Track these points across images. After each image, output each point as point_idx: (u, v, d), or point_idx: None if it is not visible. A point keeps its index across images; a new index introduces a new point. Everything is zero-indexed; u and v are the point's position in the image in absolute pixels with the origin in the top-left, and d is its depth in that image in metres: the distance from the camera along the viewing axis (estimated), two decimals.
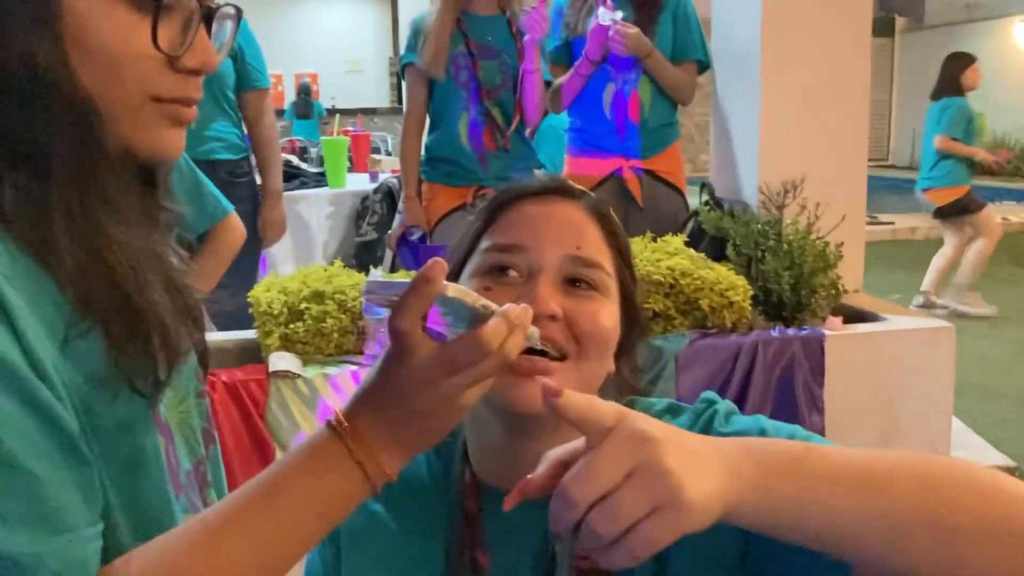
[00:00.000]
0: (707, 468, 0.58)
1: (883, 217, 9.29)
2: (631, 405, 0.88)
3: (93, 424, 0.65)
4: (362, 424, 0.65)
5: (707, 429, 0.80)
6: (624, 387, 0.89)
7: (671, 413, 0.86)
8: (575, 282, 0.81)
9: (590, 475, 0.57)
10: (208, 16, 0.71)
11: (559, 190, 0.87)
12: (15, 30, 0.63)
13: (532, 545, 0.81)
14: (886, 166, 13.35)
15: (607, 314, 0.82)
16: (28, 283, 0.62)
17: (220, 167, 2.82)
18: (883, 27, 12.99)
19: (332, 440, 0.65)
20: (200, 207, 1.98)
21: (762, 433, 0.77)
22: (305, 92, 9.98)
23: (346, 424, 0.65)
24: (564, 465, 0.60)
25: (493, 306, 0.64)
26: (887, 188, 10.44)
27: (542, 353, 0.75)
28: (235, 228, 2.08)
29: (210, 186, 2.03)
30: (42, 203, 0.64)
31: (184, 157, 2.04)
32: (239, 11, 0.76)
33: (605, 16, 2.62)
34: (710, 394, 0.86)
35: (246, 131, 3.03)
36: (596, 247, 0.83)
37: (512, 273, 0.81)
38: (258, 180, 3.06)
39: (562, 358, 0.78)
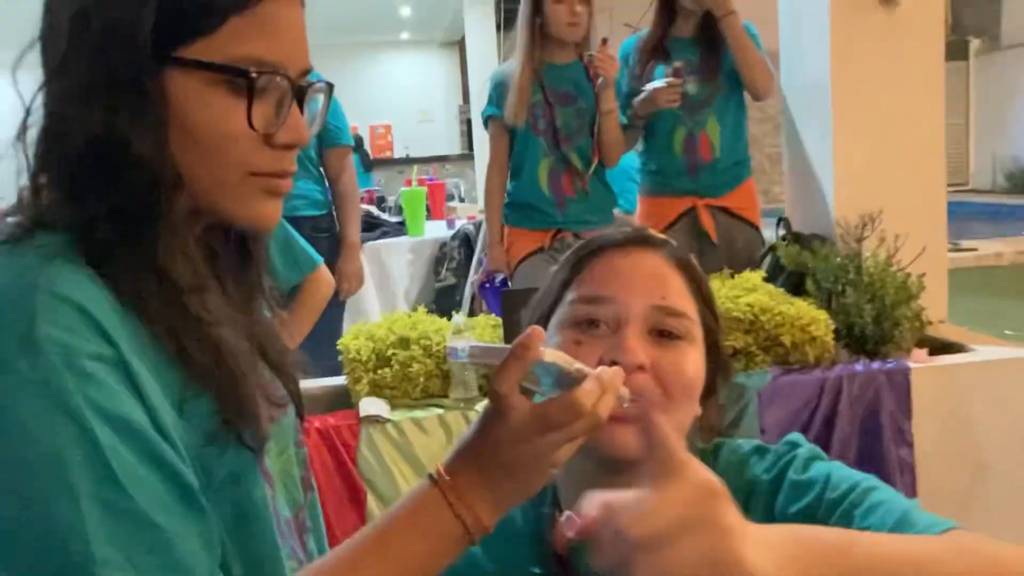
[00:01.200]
0: (764, 541, 0.57)
1: (966, 243, 9.00)
2: (718, 448, 0.90)
3: (208, 478, 0.70)
4: (462, 479, 0.69)
5: (781, 476, 0.82)
6: (708, 428, 0.91)
7: (758, 454, 0.88)
8: (661, 332, 0.84)
9: (649, 512, 0.55)
10: (300, 94, 0.75)
11: (642, 240, 0.90)
12: (122, 119, 0.68)
13: None
14: (966, 191, 12.98)
15: (692, 362, 0.84)
16: (148, 350, 0.67)
17: (304, 223, 2.92)
18: (957, 50, 12.70)
19: (434, 495, 0.69)
20: (291, 260, 2.07)
21: (826, 481, 0.79)
22: (359, 145, 10.15)
23: (448, 479, 0.69)
24: (611, 508, 0.58)
25: (587, 369, 0.68)
26: (969, 214, 10.13)
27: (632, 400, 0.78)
28: (325, 280, 2.17)
29: (300, 240, 2.12)
30: (153, 274, 0.69)
31: None
32: (330, 86, 0.81)
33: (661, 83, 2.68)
34: (796, 437, 0.88)
35: (328, 186, 3.14)
36: (680, 296, 0.86)
37: (601, 326, 0.84)
38: None
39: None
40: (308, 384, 2.24)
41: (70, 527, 0.60)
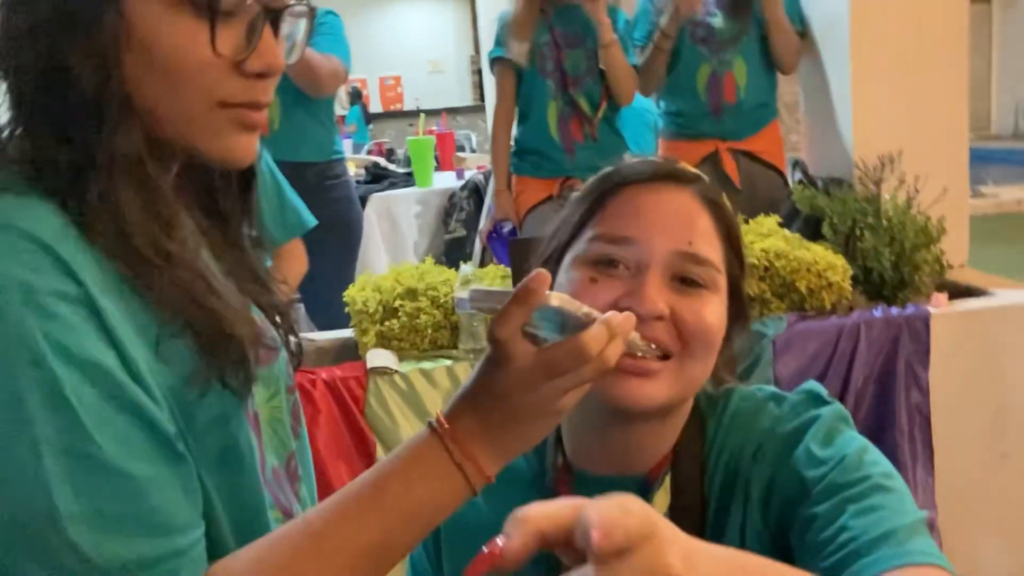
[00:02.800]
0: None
1: (986, 189, 8.88)
2: (729, 394, 0.87)
3: (188, 422, 0.67)
4: (462, 427, 0.66)
5: (799, 435, 0.78)
6: (719, 375, 0.87)
7: (775, 401, 0.84)
8: (683, 279, 0.80)
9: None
10: (274, 18, 0.70)
11: (670, 175, 0.84)
12: (68, 46, 0.64)
13: None
14: (988, 137, 12.78)
15: (713, 311, 0.80)
16: (119, 289, 0.64)
17: (308, 169, 2.86)
18: None
19: (433, 443, 0.66)
20: (280, 219, 2.03)
21: (839, 462, 0.73)
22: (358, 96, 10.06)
23: (447, 426, 0.66)
24: (542, 536, 0.47)
25: (595, 313, 0.64)
26: (990, 159, 9.98)
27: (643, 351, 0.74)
28: (298, 257, 2.13)
29: (295, 200, 2.07)
30: (115, 208, 0.65)
31: (268, 164, 2.09)
32: (312, 9, 0.76)
33: None
34: (814, 386, 0.83)
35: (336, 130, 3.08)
36: (706, 239, 0.81)
37: (620, 267, 0.80)
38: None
39: (666, 357, 0.78)
40: (315, 336, 2.23)
41: (33, 477, 0.57)
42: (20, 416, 0.57)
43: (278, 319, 0.82)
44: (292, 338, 0.84)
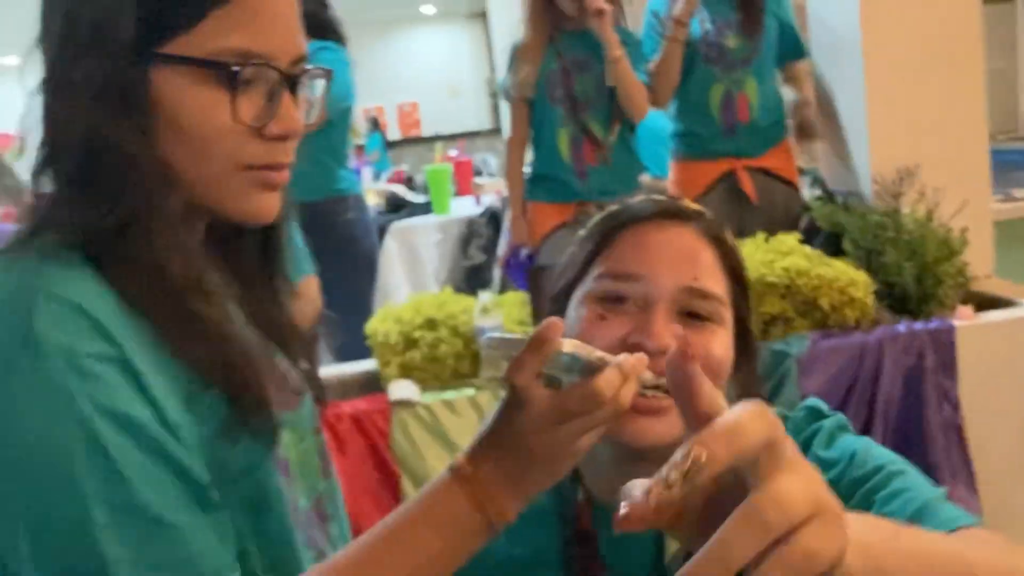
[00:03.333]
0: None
1: (1017, 192, 8.77)
2: None
3: (220, 471, 0.70)
4: (483, 470, 0.67)
5: (805, 448, 0.79)
6: (741, 398, 0.87)
7: (782, 421, 0.84)
8: (690, 314, 0.81)
9: (786, 505, 0.46)
10: (292, 82, 0.74)
11: (673, 213, 0.86)
12: (109, 119, 0.68)
13: (647, 558, 0.81)
14: (1016, 138, 12.65)
15: (720, 344, 0.81)
16: (152, 347, 0.67)
17: (318, 207, 2.84)
18: None
19: (454, 486, 0.67)
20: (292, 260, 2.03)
21: (851, 458, 0.76)
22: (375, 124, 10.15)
23: (468, 469, 0.67)
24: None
25: (608, 357, 0.66)
26: (1018, 162, 9.87)
27: (655, 387, 0.76)
28: (312, 296, 2.12)
29: (299, 243, 2.06)
30: (151, 271, 0.69)
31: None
32: (328, 72, 0.79)
33: None
34: (815, 403, 0.85)
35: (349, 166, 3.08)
36: (711, 274, 0.83)
37: (627, 303, 0.81)
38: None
39: None
40: (338, 369, 2.24)
41: (80, 528, 0.61)
42: (67, 472, 0.62)
43: (302, 364, 0.85)
44: (315, 382, 0.87)
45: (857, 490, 0.73)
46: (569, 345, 0.65)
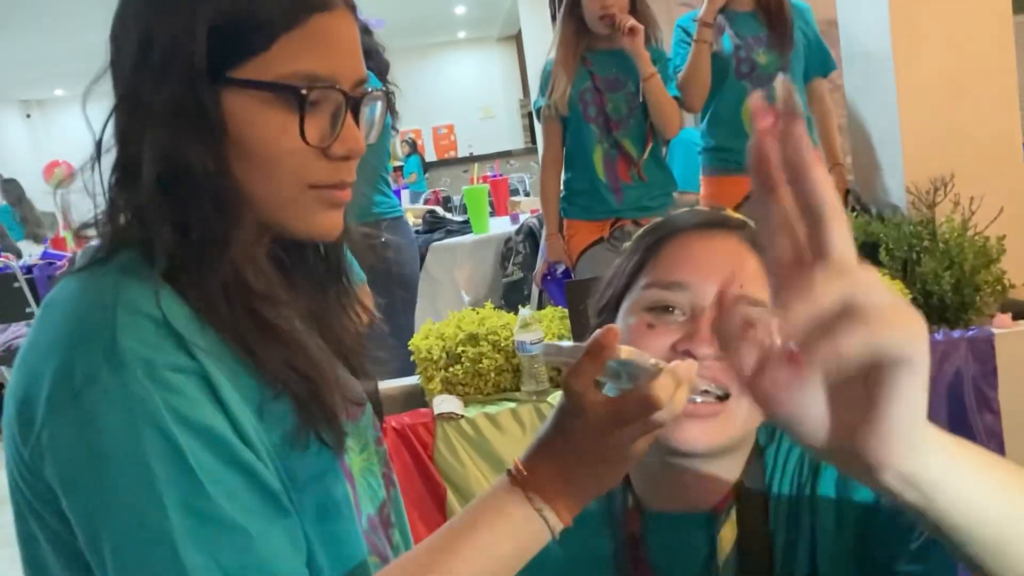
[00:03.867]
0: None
1: None
2: (774, 428, 0.90)
3: (291, 478, 0.72)
4: (540, 475, 0.69)
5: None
6: None
7: None
8: None
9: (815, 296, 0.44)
10: (355, 105, 0.76)
11: (718, 223, 0.88)
12: (184, 141, 0.71)
13: (696, 563, 0.83)
14: None
15: None
16: (226, 358, 0.70)
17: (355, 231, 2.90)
18: None
19: (513, 490, 0.70)
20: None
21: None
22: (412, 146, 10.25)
23: (526, 474, 0.70)
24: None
25: (662, 363, 0.68)
26: None
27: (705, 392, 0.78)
28: (367, 304, 2.15)
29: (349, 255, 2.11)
30: (227, 287, 0.71)
31: None
32: (387, 93, 0.82)
33: None
34: None
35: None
36: (756, 281, 0.84)
37: (675, 312, 0.83)
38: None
39: (726, 396, 0.81)
40: (383, 384, 2.29)
41: (160, 535, 0.63)
42: (147, 478, 0.64)
43: (363, 377, 0.88)
44: (375, 394, 0.90)
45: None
46: (625, 352, 0.67)
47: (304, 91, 0.72)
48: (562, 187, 2.87)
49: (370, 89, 0.78)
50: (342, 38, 0.75)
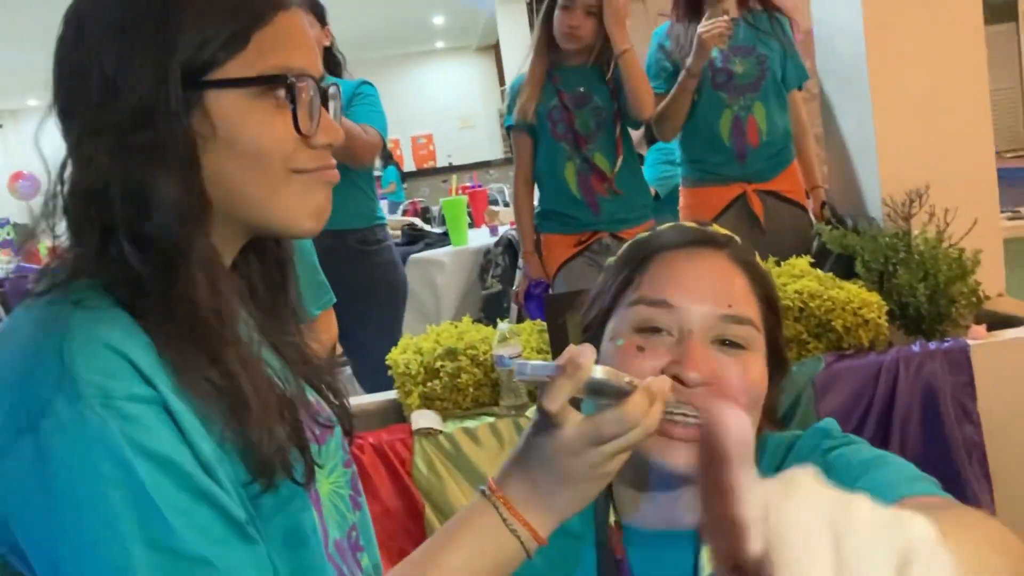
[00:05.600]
0: None
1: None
2: (764, 442, 0.89)
3: (256, 507, 0.71)
4: (514, 493, 0.69)
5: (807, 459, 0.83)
6: (759, 426, 0.90)
7: (799, 441, 0.88)
8: (724, 342, 0.83)
9: None
10: (324, 96, 0.78)
11: (705, 241, 0.88)
12: (143, 164, 0.69)
13: None
14: (1022, 156, 12.60)
15: (755, 368, 0.83)
16: (187, 391, 0.68)
17: (348, 236, 2.91)
18: (1005, 11, 12.35)
19: (486, 510, 0.69)
20: (313, 291, 2.07)
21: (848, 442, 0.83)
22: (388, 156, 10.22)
23: (499, 493, 0.69)
24: None
25: (636, 381, 0.68)
26: None
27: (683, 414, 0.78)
28: (330, 327, 2.15)
29: (321, 276, 2.11)
30: (184, 312, 0.69)
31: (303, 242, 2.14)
32: (339, 88, 0.84)
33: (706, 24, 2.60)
34: (827, 424, 0.87)
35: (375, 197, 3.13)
36: (744, 300, 0.85)
37: (663, 333, 0.83)
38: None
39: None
40: (360, 400, 2.27)
41: (122, 571, 0.61)
42: (105, 512, 0.62)
43: (331, 397, 0.87)
44: (345, 413, 0.88)
45: (831, 451, 0.80)
46: (600, 371, 0.67)
47: (291, 79, 0.73)
48: (536, 204, 2.87)
49: (329, 83, 0.80)
50: (305, 33, 0.77)
